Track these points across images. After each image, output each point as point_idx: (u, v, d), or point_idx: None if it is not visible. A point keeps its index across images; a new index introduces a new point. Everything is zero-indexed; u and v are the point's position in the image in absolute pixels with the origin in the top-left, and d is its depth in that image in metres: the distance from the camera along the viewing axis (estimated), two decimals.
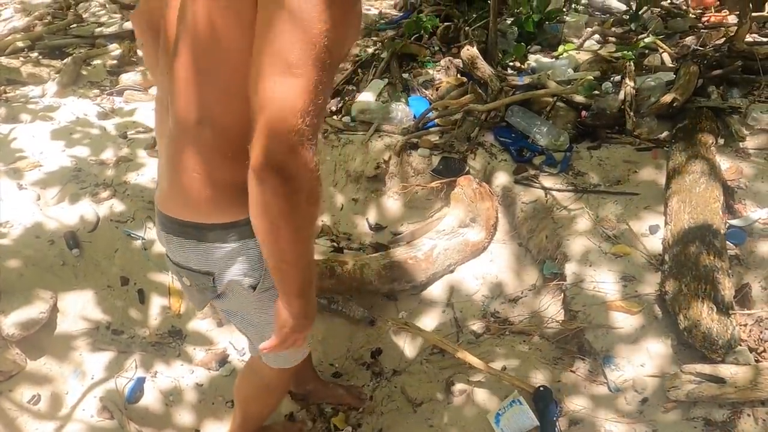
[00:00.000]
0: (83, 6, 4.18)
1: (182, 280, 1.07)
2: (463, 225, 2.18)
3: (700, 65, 2.44)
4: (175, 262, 1.04)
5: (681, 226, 1.73)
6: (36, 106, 2.89)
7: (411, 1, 3.83)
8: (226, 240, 0.97)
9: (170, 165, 0.98)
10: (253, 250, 0.99)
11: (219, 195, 0.95)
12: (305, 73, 0.71)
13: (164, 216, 1.02)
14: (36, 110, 2.85)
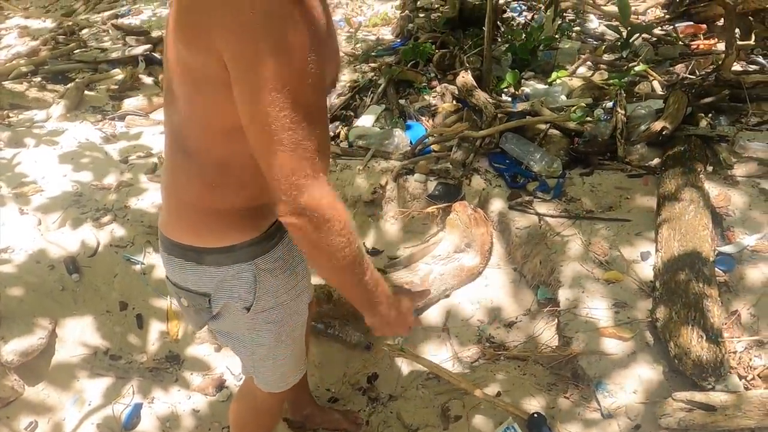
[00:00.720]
0: (87, 32, 4.26)
1: (180, 300, 1.11)
2: (458, 250, 2.22)
3: (689, 94, 2.51)
4: (174, 283, 1.09)
5: (671, 254, 1.77)
6: (39, 131, 2.94)
7: (408, 28, 3.92)
8: (223, 263, 1.01)
9: (167, 191, 1.05)
10: (248, 274, 1.03)
11: (213, 221, 1.00)
12: (286, 139, 0.76)
13: (165, 237, 1.06)
14: (39, 135, 2.90)
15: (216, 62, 0.78)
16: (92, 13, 4.82)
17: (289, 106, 0.75)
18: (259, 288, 1.05)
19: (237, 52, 0.76)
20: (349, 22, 4.17)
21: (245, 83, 0.76)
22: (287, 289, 1.12)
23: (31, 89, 3.36)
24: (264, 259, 1.05)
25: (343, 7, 4.85)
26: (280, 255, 1.08)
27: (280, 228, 1.07)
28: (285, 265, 1.09)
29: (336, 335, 2.11)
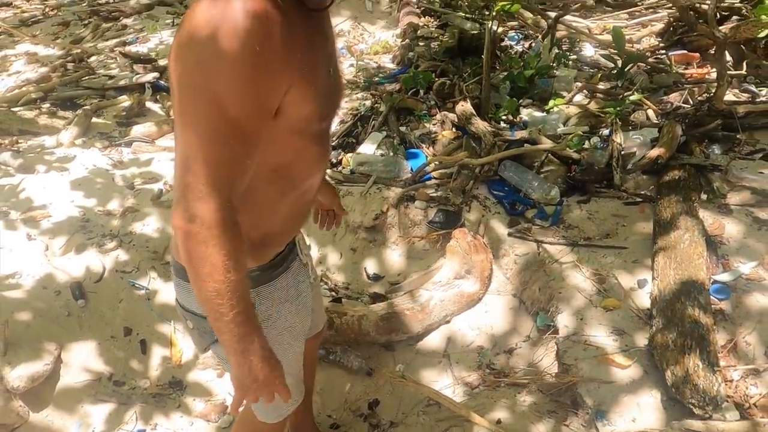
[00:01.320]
0: (95, 59, 4.36)
1: (187, 322, 1.15)
2: (458, 276, 2.25)
3: (683, 123, 2.57)
4: (181, 305, 1.13)
5: (667, 282, 1.80)
6: (48, 157, 2.99)
7: (408, 56, 4.01)
8: None
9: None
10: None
11: None
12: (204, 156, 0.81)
13: (173, 259, 1.10)
14: (48, 161, 2.96)
15: None
16: (100, 40, 4.93)
17: (201, 131, 0.80)
18: (260, 315, 1.08)
19: (172, 71, 0.84)
20: (350, 50, 4.27)
21: (174, 102, 0.84)
22: (287, 318, 1.15)
23: (40, 116, 3.43)
24: (267, 288, 1.09)
25: (345, 35, 4.97)
26: (284, 285, 1.12)
27: (285, 259, 1.12)
28: (287, 295, 1.13)
29: (337, 361, 2.13)
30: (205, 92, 0.79)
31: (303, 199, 1.10)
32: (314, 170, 1.07)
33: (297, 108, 0.88)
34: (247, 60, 0.77)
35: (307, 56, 0.86)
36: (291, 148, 0.95)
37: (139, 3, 5.73)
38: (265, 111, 0.84)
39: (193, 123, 0.81)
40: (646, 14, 4.94)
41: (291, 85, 0.84)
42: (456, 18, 4.64)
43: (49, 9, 6.03)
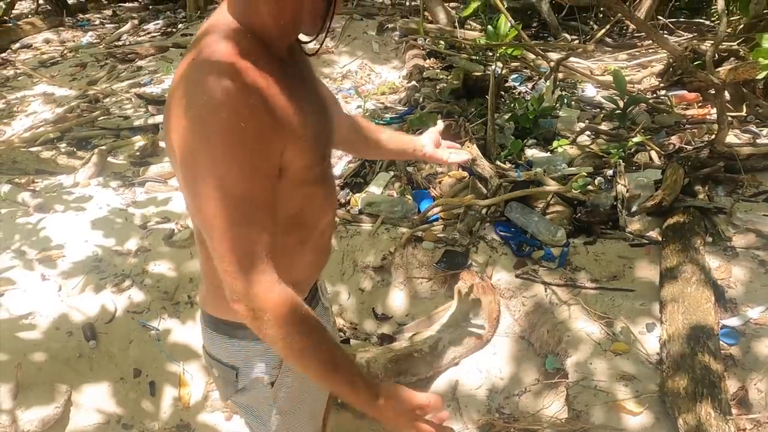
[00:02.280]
0: (110, 100, 4.50)
1: (212, 370, 1.15)
2: (466, 318, 2.26)
3: (686, 165, 2.62)
4: (208, 353, 1.13)
5: (676, 327, 1.81)
6: (64, 197, 3.07)
7: (414, 97, 4.12)
8: (253, 338, 1.04)
9: (201, 266, 1.09)
10: (271, 350, 1.07)
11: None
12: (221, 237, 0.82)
13: (201, 309, 1.12)
14: (64, 200, 3.03)
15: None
16: (116, 81, 5.09)
17: (216, 214, 0.81)
18: (285, 365, 1.09)
19: (180, 158, 0.83)
20: (357, 91, 4.40)
21: (185, 184, 0.85)
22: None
23: (56, 155, 3.53)
24: None
25: (353, 76, 5.12)
26: None
27: (309, 305, 1.12)
28: None
29: (346, 404, 2.12)
30: (207, 178, 0.80)
31: (321, 240, 1.11)
32: (325, 210, 1.08)
33: (295, 161, 0.90)
34: (237, 140, 0.78)
35: (293, 109, 0.87)
36: (298, 197, 0.98)
37: (154, 45, 5.93)
38: (270, 178, 0.86)
39: (209, 203, 0.81)
40: (645, 55, 5.08)
41: (285, 145, 0.86)
42: (460, 60, 4.78)
43: (67, 51, 6.26)
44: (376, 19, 6.36)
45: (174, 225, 2.85)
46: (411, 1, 7.46)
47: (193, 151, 0.80)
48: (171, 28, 6.95)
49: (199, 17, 7.09)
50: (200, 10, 7.25)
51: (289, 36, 0.92)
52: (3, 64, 6.01)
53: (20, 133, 4.09)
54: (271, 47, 0.88)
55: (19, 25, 6.94)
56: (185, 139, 0.81)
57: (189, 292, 2.51)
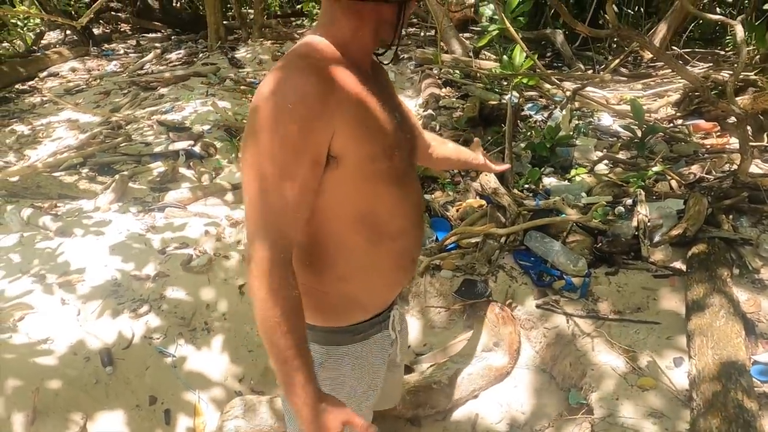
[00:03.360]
0: (132, 126, 4.60)
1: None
2: (486, 349, 2.22)
3: (708, 195, 2.58)
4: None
5: (705, 362, 1.75)
6: (85, 221, 3.11)
7: (431, 125, 4.16)
8: None
9: None
10: (318, 356, 1.08)
11: (303, 296, 1.02)
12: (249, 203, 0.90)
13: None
14: (85, 225, 3.07)
15: None
16: (138, 108, 5.22)
17: (252, 178, 0.89)
18: (323, 374, 1.08)
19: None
20: None
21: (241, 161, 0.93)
22: (350, 386, 1.13)
23: (79, 180, 3.59)
24: (337, 350, 1.09)
25: None
26: (356, 353, 1.10)
27: (368, 329, 1.10)
28: (354, 367, 1.11)
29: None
30: (254, 143, 0.87)
31: (396, 249, 1.06)
32: (399, 216, 1.04)
33: (353, 150, 0.92)
34: (282, 119, 0.85)
35: (358, 99, 0.92)
36: (366, 194, 0.98)
37: (175, 75, 6.09)
38: (309, 160, 0.89)
39: (248, 170, 0.89)
40: (661, 84, 5.09)
41: (336, 132, 0.89)
42: (476, 89, 4.83)
43: (92, 79, 6.45)
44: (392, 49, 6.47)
45: (192, 250, 2.87)
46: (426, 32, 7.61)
47: (247, 126, 0.90)
48: (192, 57, 7.15)
49: (219, 47, 7.29)
50: (221, 40, 7.46)
51: (368, 47, 1.00)
52: (30, 92, 6.21)
53: (44, 159, 4.18)
54: (351, 56, 0.96)
55: (47, 54, 7.19)
56: (253, 110, 0.90)
57: (206, 317, 2.50)
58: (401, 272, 1.12)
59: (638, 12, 6.62)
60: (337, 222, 0.99)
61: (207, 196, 3.40)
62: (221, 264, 2.79)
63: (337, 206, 0.97)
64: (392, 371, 1.28)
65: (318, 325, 1.07)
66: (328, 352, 1.08)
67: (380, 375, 1.18)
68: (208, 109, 4.86)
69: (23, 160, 4.34)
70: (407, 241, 1.08)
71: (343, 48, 0.95)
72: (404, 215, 1.05)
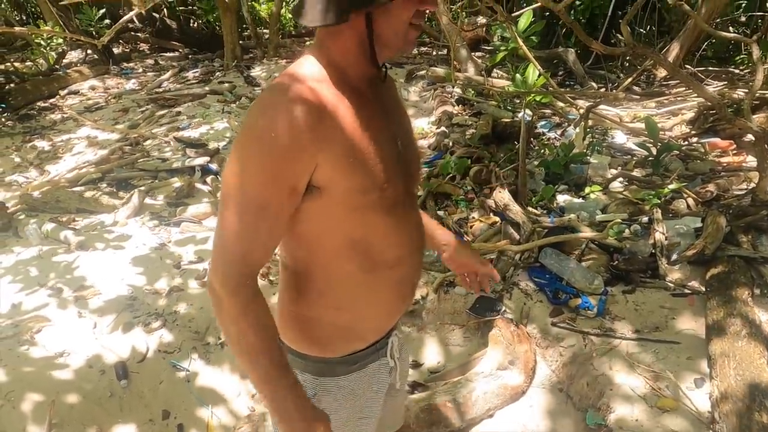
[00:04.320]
0: (150, 143, 4.69)
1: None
2: (501, 367, 2.19)
3: (726, 213, 2.55)
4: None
5: (728, 383, 1.71)
6: (102, 235, 3.15)
7: (444, 142, 4.18)
8: (294, 366, 1.02)
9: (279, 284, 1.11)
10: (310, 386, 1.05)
11: (297, 325, 1.04)
12: (217, 237, 0.89)
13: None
14: (102, 239, 3.11)
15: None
16: (155, 125, 5.32)
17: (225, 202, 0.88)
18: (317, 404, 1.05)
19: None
20: None
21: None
22: (345, 416, 1.10)
23: (97, 195, 3.65)
24: (331, 381, 1.06)
25: None
26: (351, 384, 1.07)
27: (362, 359, 1.07)
28: (349, 397, 1.08)
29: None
30: (234, 166, 0.87)
31: (392, 278, 1.01)
32: (395, 243, 0.99)
33: (339, 182, 0.88)
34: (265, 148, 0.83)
35: (351, 130, 0.87)
36: (356, 222, 0.93)
37: (191, 93, 6.21)
38: (283, 189, 0.86)
39: (224, 192, 0.89)
40: (674, 102, 5.07)
41: (318, 164, 0.85)
42: (489, 107, 4.86)
43: (111, 97, 6.59)
44: (405, 68, 6.56)
45: (207, 265, 2.89)
46: (438, 51, 7.69)
47: (231, 148, 0.90)
48: (209, 75, 7.29)
49: (235, 66, 7.43)
50: (237, 59, 7.61)
51: (360, 66, 0.92)
52: (51, 109, 6.36)
53: (64, 174, 4.26)
54: (346, 76, 0.91)
55: (69, 72, 7.38)
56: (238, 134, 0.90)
57: (219, 332, 2.51)
58: (399, 300, 1.07)
59: (650, 31, 6.64)
60: (327, 250, 0.96)
61: None
62: None
63: (325, 234, 0.94)
64: (392, 396, 1.23)
65: (312, 355, 1.04)
66: (322, 384, 1.05)
67: (378, 404, 1.14)
68: (224, 126, 4.94)
69: (43, 175, 4.43)
70: (405, 269, 1.03)
71: (336, 68, 0.90)
72: (400, 243, 1.00)
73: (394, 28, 0.88)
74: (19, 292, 2.68)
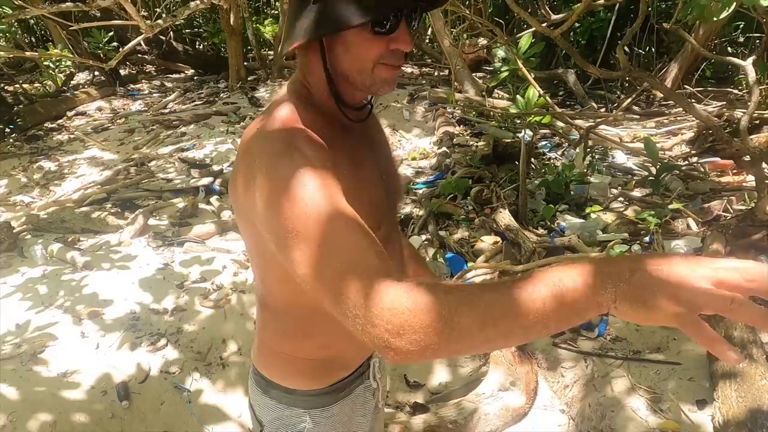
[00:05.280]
0: (155, 163, 4.75)
1: (252, 418, 1.14)
2: (503, 389, 2.19)
3: (726, 233, 2.57)
4: (250, 403, 1.13)
5: (730, 405, 1.71)
6: (107, 255, 3.18)
7: (446, 162, 4.22)
8: (282, 401, 1.03)
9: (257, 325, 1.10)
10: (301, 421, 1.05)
11: (282, 363, 1.04)
12: (333, 283, 0.67)
13: (253, 367, 1.11)
14: (107, 259, 3.14)
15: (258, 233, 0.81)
16: (161, 146, 5.39)
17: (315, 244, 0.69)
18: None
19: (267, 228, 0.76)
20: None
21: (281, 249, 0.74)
22: None
23: (102, 215, 3.70)
24: (321, 412, 1.06)
25: None
26: (338, 413, 1.07)
27: (349, 384, 1.08)
28: (339, 425, 1.08)
29: None
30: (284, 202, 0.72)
31: None
32: None
33: None
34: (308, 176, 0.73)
35: (351, 173, 0.83)
36: None
37: (196, 114, 6.30)
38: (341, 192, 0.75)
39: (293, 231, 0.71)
40: (674, 122, 5.12)
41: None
42: (490, 127, 4.92)
43: (117, 118, 6.69)
44: (407, 89, 6.65)
45: (209, 284, 2.91)
46: (440, 72, 7.81)
47: (266, 206, 0.75)
48: (214, 97, 7.41)
49: (240, 87, 7.55)
50: (241, 81, 7.74)
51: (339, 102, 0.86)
52: (59, 130, 6.46)
53: (69, 194, 4.32)
54: (326, 114, 0.87)
55: (76, 94, 7.51)
56: (265, 200, 0.75)
57: (222, 352, 2.51)
58: None
59: (650, 52, 6.73)
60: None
61: (226, 231, 3.46)
62: (238, 298, 2.82)
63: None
64: (376, 416, 1.22)
65: (299, 389, 1.03)
66: (312, 416, 1.04)
67: (367, 426, 1.15)
68: (228, 146, 5.00)
69: (49, 195, 4.49)
70: None
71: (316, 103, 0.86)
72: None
73: (356, 65, 0.81)
74: (24, 311, 2.70)
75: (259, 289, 1.03)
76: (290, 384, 1.05)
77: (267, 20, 9.18)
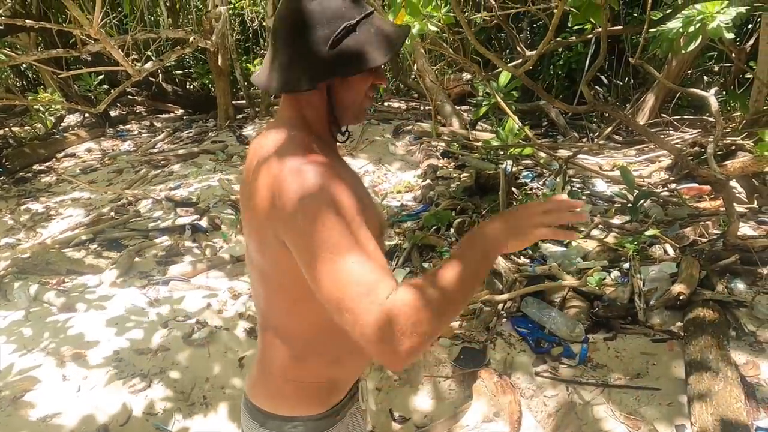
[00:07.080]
0: (143, 203, 4.78)
1: None
2: (487, 420, 2.18)
3: (700, 258, 2.62)
4: None
5: (706, 428, 1.72)
6: (91, 296, 3.17)
7: (429, 195, 4.29)
8: (282, 430, 1.05)
9: (258, 358, 1.12)
10: None
11: (290, 391, 1.06)
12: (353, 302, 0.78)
13: (245, 395, 1.13)
14: (90, 300, 3.13)
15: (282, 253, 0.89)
16: (148, 185, 5.43)
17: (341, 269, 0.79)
18: None
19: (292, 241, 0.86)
20: (374, 191, 4.60)
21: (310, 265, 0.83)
22: None
23: (87, 256, 3.70)
24: None
25: (370, 175, 5.37)
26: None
27: (345, 406, 1.11)
28: None
29: None
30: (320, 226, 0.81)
31: None
32: None
33: None
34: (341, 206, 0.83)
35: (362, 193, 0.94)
36: None
37: (185, 153, 6.38)
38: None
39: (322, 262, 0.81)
40: (654, 150, 5.26)
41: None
42: (472, 159, 5.02)
43: (106, 159, 6.75)
44: (392, 123, 6.80)
45: (194, 322, 2.90)
46: (425, 106, 7.99)
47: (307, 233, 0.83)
48: (202, 135, 7.51)
49: (228, 126, 7.67)
50: (230, 119, 7.86)
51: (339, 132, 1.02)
52: (47, 172, 6.49)
53: (56, 236, 4.32)
54: (326, 143, 0.99)
55: (66, 136, 7.58)
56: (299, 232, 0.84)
57: (205, 392, 2.49)
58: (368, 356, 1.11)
59: (627, 83, 6.96)
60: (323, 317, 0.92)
61: (210, 269, 3.47)
62: (222, 337, 2.82)
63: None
64: None
65: (300, 415, 1.06)
66: None
67: None
68: (215, 184, 5.06)
69: (35, 237, 4.49)
70: None
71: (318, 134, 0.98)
72: None
73: (353, 97, 0.97)
74: (8, 354, 2.67)
75: (270, 315, 1.06)
76: (290, 412, 1.07)
77: (256, 60, 9.41)
